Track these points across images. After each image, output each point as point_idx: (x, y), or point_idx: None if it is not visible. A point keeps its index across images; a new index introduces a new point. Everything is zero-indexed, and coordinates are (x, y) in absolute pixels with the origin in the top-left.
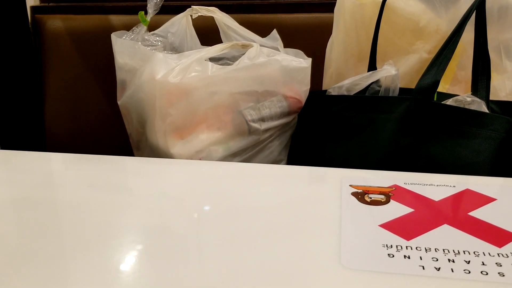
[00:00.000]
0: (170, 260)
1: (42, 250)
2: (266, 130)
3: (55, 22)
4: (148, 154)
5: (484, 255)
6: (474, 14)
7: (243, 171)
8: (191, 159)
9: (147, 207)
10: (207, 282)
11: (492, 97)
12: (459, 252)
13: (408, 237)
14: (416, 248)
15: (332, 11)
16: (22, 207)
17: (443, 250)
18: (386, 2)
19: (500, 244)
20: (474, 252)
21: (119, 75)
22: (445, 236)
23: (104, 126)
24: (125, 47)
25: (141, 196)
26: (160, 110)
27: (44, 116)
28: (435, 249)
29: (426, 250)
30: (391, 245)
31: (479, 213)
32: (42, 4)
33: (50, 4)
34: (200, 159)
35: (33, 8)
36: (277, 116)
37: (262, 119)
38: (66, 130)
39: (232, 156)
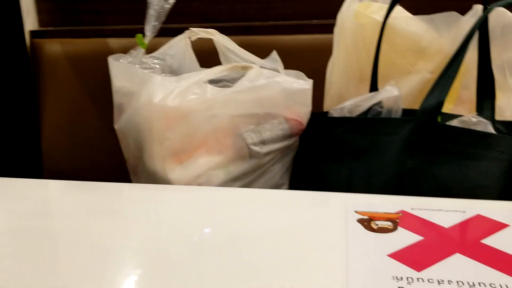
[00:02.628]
0: None
1: (40, 280)
2: (267, 153)
3: (53, 46)
4: (145, 179)
5: (501, 287)
6: (477, 33)
7: (244, 197)
8: (190, 184)
9: (145, 234)
10: None
11: (497, 117)
12: (474, 284)
13: (419, 268)
14: (428, 280)
15: (332, 32)
16: (19, 236)
17: (457, 282)
18: (387, 22)
19: None
20: (490, 284)
21: (116, 98)
22: (458, 266)
23: (102, 150)
24: (122, 70)
25: (138, 223)
26: (158, 134)
27: (41, 141)
28: (449, 281)
29: (439, 282)
30: (401, 277)
31: (492, 241)
32: (41, 29)
33: (49, 28)
34: (199, 185)
35: (32, 32)
36: (279, 138)
37: (263, 142)
38: (63, 155)
39: (232, 181)
